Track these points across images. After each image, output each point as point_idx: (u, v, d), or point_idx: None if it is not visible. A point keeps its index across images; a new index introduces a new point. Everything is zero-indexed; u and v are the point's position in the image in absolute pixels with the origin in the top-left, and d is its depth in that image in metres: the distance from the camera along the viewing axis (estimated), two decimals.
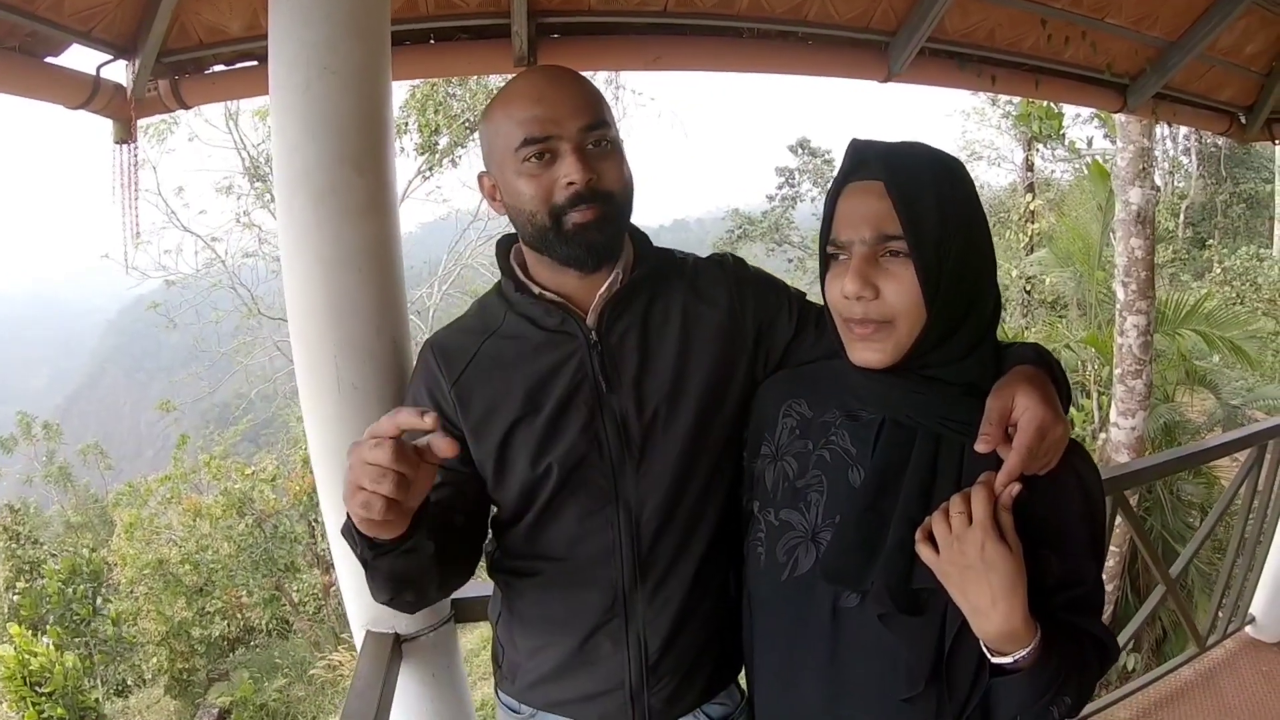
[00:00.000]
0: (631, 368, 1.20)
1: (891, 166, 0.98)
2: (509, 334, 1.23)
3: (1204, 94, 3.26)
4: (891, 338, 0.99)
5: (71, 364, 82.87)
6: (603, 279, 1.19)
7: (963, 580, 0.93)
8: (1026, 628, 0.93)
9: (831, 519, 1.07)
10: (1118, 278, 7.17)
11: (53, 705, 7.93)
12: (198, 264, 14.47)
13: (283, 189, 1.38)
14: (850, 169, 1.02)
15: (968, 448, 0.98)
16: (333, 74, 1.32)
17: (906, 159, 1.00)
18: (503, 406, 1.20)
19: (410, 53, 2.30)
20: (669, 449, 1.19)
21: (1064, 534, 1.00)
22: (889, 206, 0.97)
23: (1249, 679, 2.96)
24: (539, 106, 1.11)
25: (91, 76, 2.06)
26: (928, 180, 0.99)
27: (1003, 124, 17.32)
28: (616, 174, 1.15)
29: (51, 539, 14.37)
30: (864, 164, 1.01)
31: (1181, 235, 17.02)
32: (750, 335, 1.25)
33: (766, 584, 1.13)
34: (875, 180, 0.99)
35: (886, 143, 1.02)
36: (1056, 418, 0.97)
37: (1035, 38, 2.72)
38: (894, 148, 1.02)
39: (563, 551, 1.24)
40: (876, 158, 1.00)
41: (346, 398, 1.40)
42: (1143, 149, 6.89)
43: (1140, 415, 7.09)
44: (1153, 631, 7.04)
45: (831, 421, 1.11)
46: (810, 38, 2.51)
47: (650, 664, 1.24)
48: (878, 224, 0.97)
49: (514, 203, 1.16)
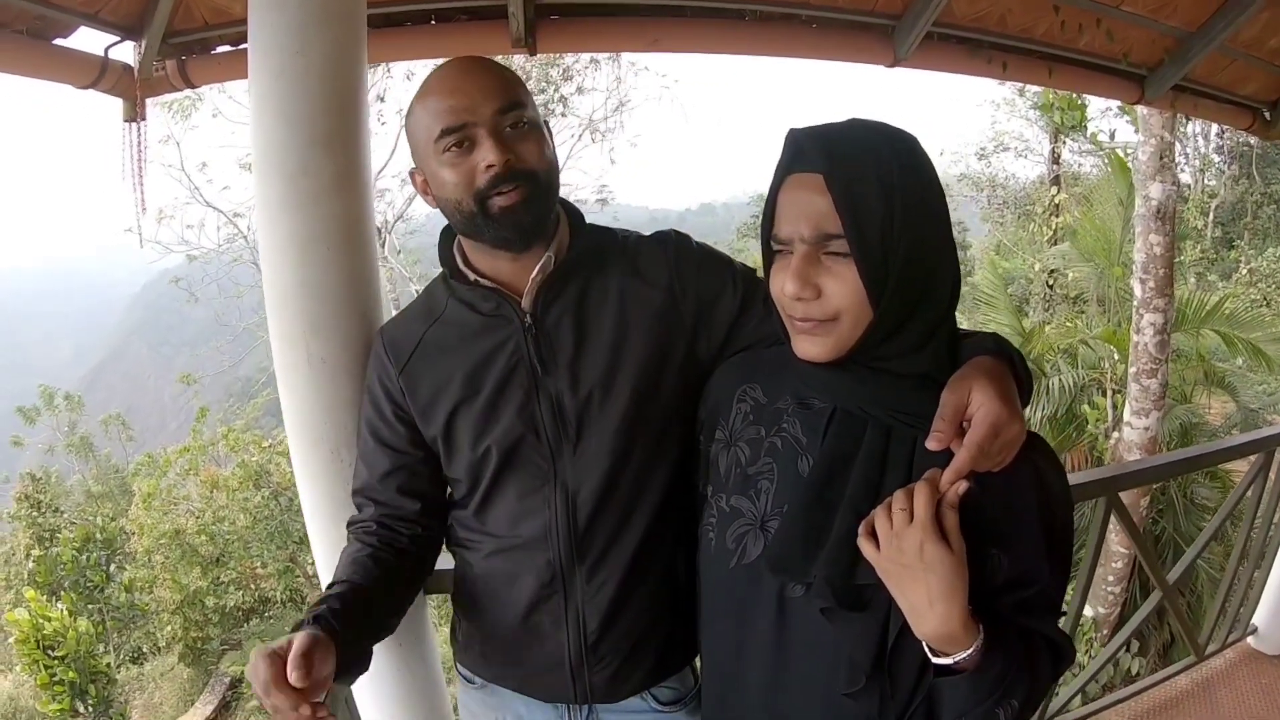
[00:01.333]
0: (567, 349, 1.21)
1: (831, 156, 0.93)
2: (450, 320, 1.26)
3: (1225, 88, 3.19)
4: (834, 334, 0.96)
5: (95, 338, 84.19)
6: (535, 260, 1.19)
7: (901, 579, 0.90)
8: (966, 630, 0.90)
9: (780, 508, 1.05)
10: (1136, 274, 7.06)
11: (65, 669, 8.12)
12: (220, 239, 14.62)
13: (259, 170, 1.41)
14: (789, 159, 0.97)
15: (920, 440, 0.95)
16: (304, 58, 1.35)
17: (848, 146, 0.94)
18: (445, 391, 1.23)
19: (409, 34, 2.31)
20: (604, 430, 1.20)
21: (1017, 533, 0.95)
22: (829, 203, 0.92)
23: (1246, 692, 2.89)
24: (453, 96, 1.13)
25: (99, 57, 2.12)
26: (871, 168, 0.93)
27: (1031, 115, 17.07)
28: (537, 153, 1.16)
29: (72, 508, 14.62)
30: (801, 154, 0.95)
31: (1210, 234, 16.72)
32: (690, 315, 1.23)
33: (715, 570, 1.12)
34: (814, 173, 0.93)
35: (827, 127, 0.96)
36: (1013, 414, 0.93)
37: (1048, 24, 2.66)
38: (834, 134, 0.95)
39: (505, 529, 1.27)
40: (815, 147, 0.94)
41: (316, 371, 1.43)
42: (1164, 143, 6.75)
43: (1154, 415, 7.00)
44: (1160, 635, 6.96)
45: (784, 409, 1.09)
46: (814, 20, 2.47)
47: (590, 643, 1.26)
48: (817, 222, 0.93)
49: (440, 193, 1.18)
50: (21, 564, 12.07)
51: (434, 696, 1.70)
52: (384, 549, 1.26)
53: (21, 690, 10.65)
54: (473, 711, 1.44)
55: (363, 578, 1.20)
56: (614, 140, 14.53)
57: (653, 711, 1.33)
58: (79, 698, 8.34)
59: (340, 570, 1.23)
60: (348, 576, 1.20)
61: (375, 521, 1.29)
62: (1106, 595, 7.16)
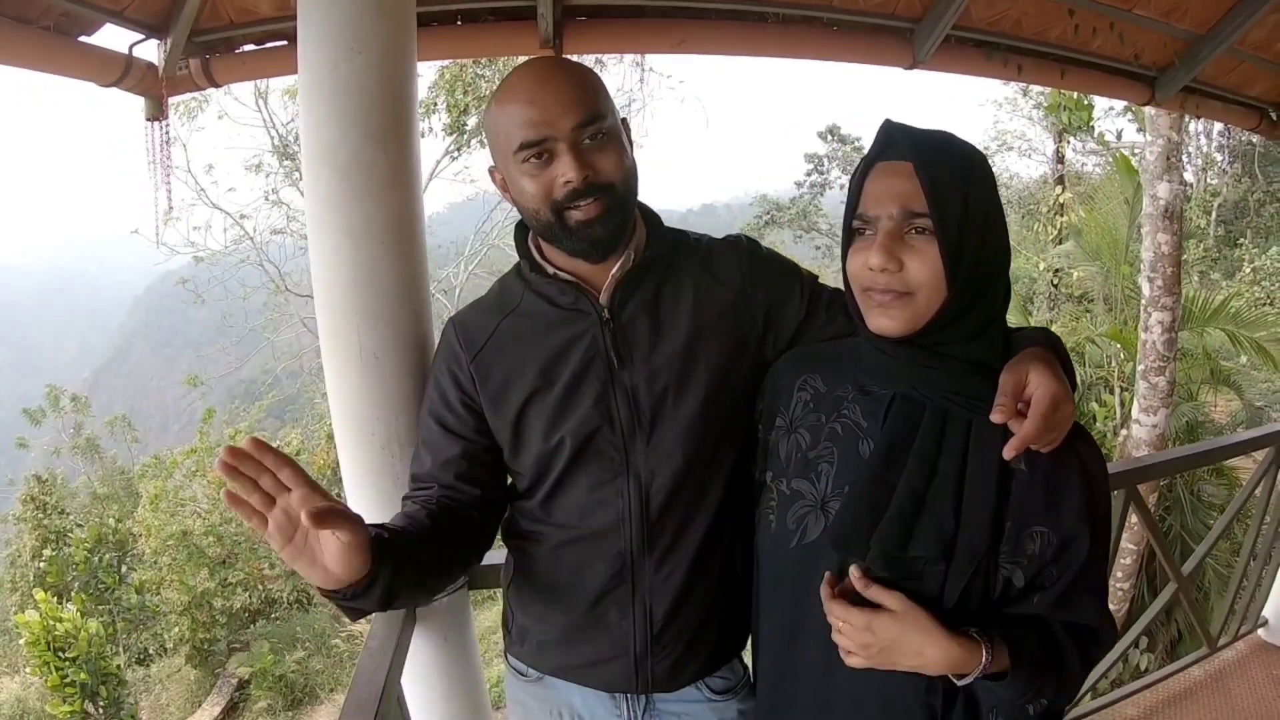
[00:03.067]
0: (643, 344, 1.24)
1: (920, 149, 1.02)
2: (526, 312, 1.28)
3: (1233, 89, 3.23)
4: (910, 308, 1.03)
5: (99, 339, 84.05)
6: (615, 260, 1.23)
7: (884, 657, 1.01)
8: (967, 651, 0.99)
9: (841, 489, 1.11)
10: (1143, 273, 7.08)
11: (76, 670, 8.08)
12: (226, 240, 14.63)
13: (309, 164, 1.43)
14: (880, 149, 1.05)
15: (975, 423, 1.03)
16: (359, 54, 1.37)
17: (935, 144, 1.04)
18: (519, 381, 1.25)
19: (438, 33, 2.34)
20: (678, 423, 1.23)
21: (1060, 510, 1.03)
22: (916, 186, 1.01)
23: (1259, 682, 2.94)
24: (532, 109, 1.14)
25: (124, 55, 2.13)
26: (953, 166, 1.03)
27: (1034, 115, 17.08)
28: (615, 164, 1.18)
29: (78, 509, 14.60)
30: (894, 145, 1.04)
31: (1213, 233, 16.71)
32: (760, 316, 1.28)
33: (776, 550, 1.17)
34: (904, 161, 1.02)
35: (916, 127, 1.06)
36: (1067, 394, 1.02)
37: (1062, 27, 2.71)
38: (923, 133, 1.05)
39: (574, 520, 1.28)
40: (906, 140, 1.03)
41: (368, 367, 1.45)
42: (1171, 143, 6.78)
43: (1162, 413, 7.02)
44: (1168, 631, 6.99)
45: (844, 396, 1.15)
46: (835, 23, 2.52)
47: (655, 632, 1.28)
48: (905, 201, 1.01)
49: (519, 199, 1.20)
50: (28, 566, 12.04)
51: (476, 691, 1.73)
52: (439, 511, 1.24)
53: (29, 692, 10.64)
54: (525, 705, 1.45)
55: (414, 525, 1.19)
56: None
57: (707, 701, 1.35)
58: (90, 699, 8.31)
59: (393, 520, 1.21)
60: (399, 525, 1.18)
61: (433, 494, 1.28)
62: (1115, 591, 7.17)
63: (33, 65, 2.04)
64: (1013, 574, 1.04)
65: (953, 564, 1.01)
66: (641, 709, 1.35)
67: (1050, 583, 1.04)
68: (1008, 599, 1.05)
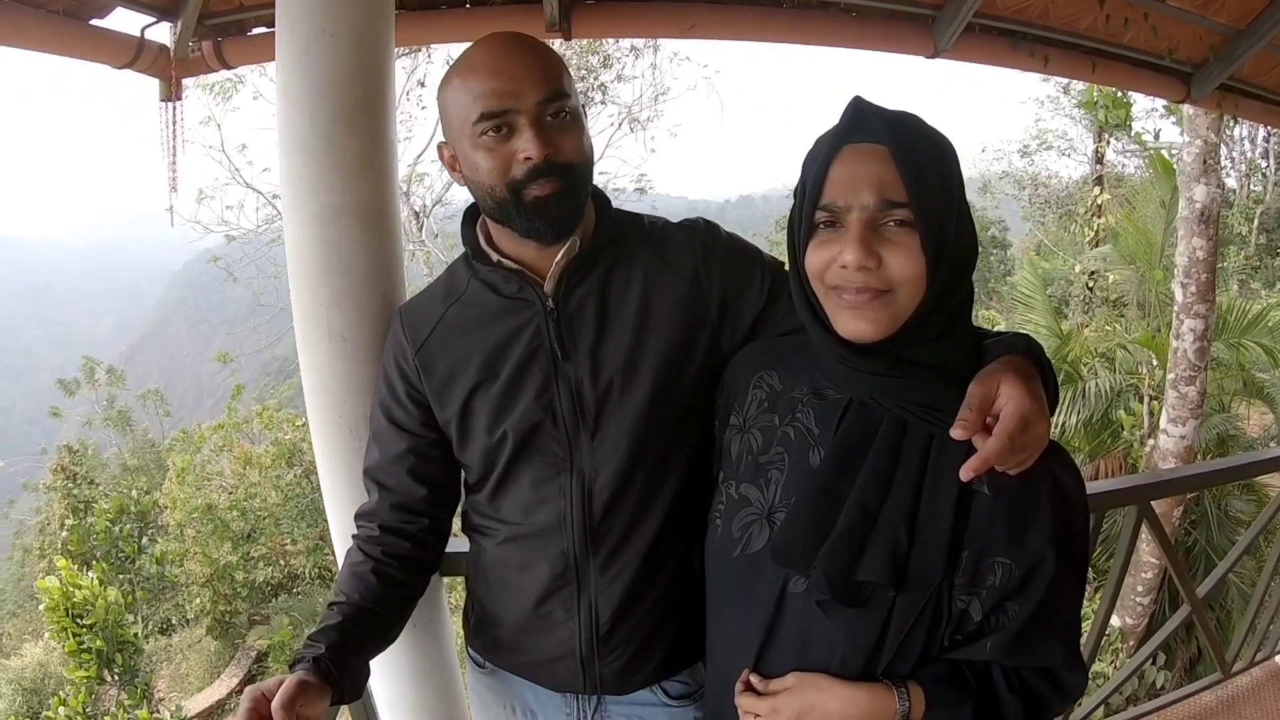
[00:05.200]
0: (588, 336, 1.18)
1: (896, 130, 0.91)
2: (471, 300, 1.24)
3: (1274, 89, 3.10)
4: (889, 308, 0.92)
5: (136, 314, 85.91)
6: (560, 245, 1.18)
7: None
8: (878, 699, 0.95)
9: (788, 499, 1.03)
10: (1177, 278, 6.90)
11: (93, 637, 8.23)
12: (259, 220, 14.80)
13: (283, 146, 1.41)
14: (848, 128, 0.93)
15: (936, 437, 0.94)
16: (330, 36, 1.35)
17: (910, 125, 0.93)
18: (462, 372, 1.22)
19: (445, 16, 2.32)
20: (624, 419, 1.18)
21: (1024, 542, 0.93)
22: (894, 172, 0.90)
23: (1273, 711, 2.83)
24: (496, 79, 1.09)
25: (136, 38, 2.16)
26: (930, 148, 0.93)
27: (1076, 114, 16.74)
28: (575, 145, 1.13)
29: (107, 480, 14.96)
30: (865, 125, 0.93)
31: (1255, 241, 16.28)
32: (715, 305, 1.21)
33: (720, 557, 1.10)
34: (878, 144, 0.91)
35: (886, 108, 0.95)
36: (1041, 413, 0.92)
37: (1092, 18, 2.61)
38: (896, 113, 0.94)
39: (519, 517, 1.25)
40: (879, 120, 0.92)
41: (336, 348, 1.43)
42: (1209, 144, 6.57)
43: (1192, 424, 6.84)
44: (1187, 648, 6.83)
45: (799, 398, 1.07)
46: (853, 9, 2.44)
47: (601, 634, 1.24)
48: (882, 190, 0.90)
49: (472, 175, 1.15)
50: (56, 534, 12.36)
51: (448, 680, 1.71)
52: (387, 561, 1.25)
53: (51, 657, 10.90)
54: (481, 696, 1.43)
55: (363, 595, 1.21)
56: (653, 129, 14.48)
57: (662, 705, 1.31)
58: (105, 666, 8.48)
59: (341, 583, 1.24)
60: (348, 594, 1.20)
61: (380, 523, 1.28)
62: (1135, 606, 7.04)
63: (45, 48, 2.06)
64: (969, 605, 0.95)
65: (902, 592, 0.93)
66: (592, 709, 1.31)
67: (1007, 622, 0.95)
68: (962, 635, 0.97)
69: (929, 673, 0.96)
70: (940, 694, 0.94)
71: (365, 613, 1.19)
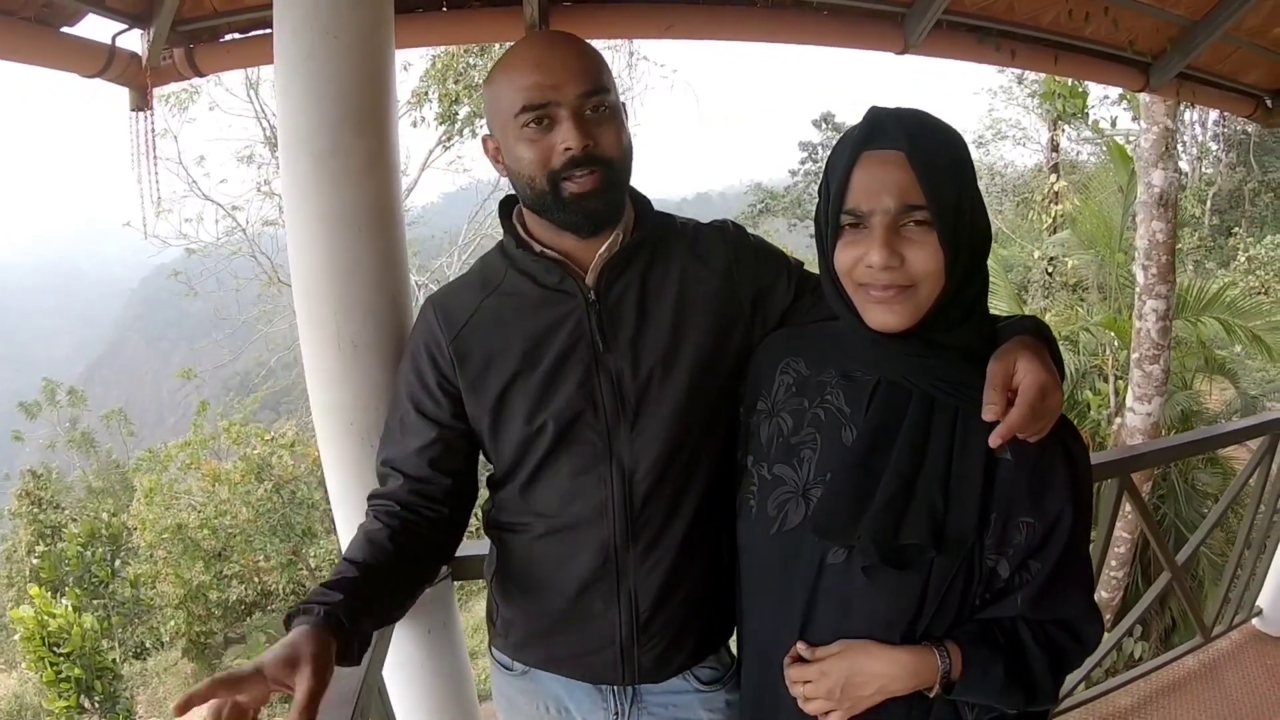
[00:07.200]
0: (628, 328, 1.21)
1: (912, 137, 0.99)
2: (509, 291, 1.24)
3: (1229, 76, 3.19)
4: (912, 301, 1.00)
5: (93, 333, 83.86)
6: (603, 240, 1.21)
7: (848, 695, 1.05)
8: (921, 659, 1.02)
9: (823, 476, 1.09)
10: (1138, 261, 7.08)
11: (70, 665, 8.08)
12: (218, 232, 14.57)
13: (286, 151, 1.41)
14: (867, 136, 1.01)
15: (962, 411, 1.02)
16: (334, 39, 1.34)
17: (924, 130, 1.01)
18: (500, 362, 1.22)
19: (422, 20, 2.29)
20: (663, 409, 1.21)
21: (1045, 500, 1.01)
22: (912, 177, 0.98)
23: (1253, 672, 2.92)
24: (538, 73, 1.12)
25: (106, 45, 2.09)
26: (944, 149, 1.01)
27: (1029, 103, 17.07)
28: (615, 139, 1.16)
29: (73, 504, 14.60)
30: (883, 132, 1.00)
31: (1208, 222, 16.75)
32: (747, 301, 1.26)
33: (756, 537, 1.15)
34: (895, 150, 0.99)
35: (905, 111, 1.02)
36: (1056, 383, 1.01)
37: (1056, 12, 2.67)
38: (910, 117, 1.02)
39: (555, 509, 1.25)
40: (897, 126, 1.00)
41: (347, 355, 1.42)
42: (1167, 130, 6.76)
43: (1157, 401, 7.02)
44: (1161, 620, 7.02)
45: (827, 381, 1.13)
46: (825, 7, 2.48)
47: (641, 623, 1.26)
48: (902, 195, 0.98)
49: (514, 167, 1.17)
50: (24, 561, 12.05)
51: (462, 684, 1.72)
52: (403, 532, 1.21)
53: (26, 688, 10.66)
54: (511, 699, 1.42)
55: (377, 559, 1.16)
56: None
57: (694, 691, 1.33)
58: (85, 694, 8.32)
59: (354, 548, 1.19)
60: (361, 557, 1.15)
61: (399, 501, 1.25)
62: (1110, 580, 7.20)
63: (13, 57, 1.99)
64: (998, 564, 1.02)
65: (941, 553, 1.00)
66: (629, 701, 1.32)
67: (1030, 578, 1.03)
68: (991, 594, 1.04)
69: (963, 632, 1.03)
70: (975, 653, 1.01)
71: (377, 576, 1.14)
